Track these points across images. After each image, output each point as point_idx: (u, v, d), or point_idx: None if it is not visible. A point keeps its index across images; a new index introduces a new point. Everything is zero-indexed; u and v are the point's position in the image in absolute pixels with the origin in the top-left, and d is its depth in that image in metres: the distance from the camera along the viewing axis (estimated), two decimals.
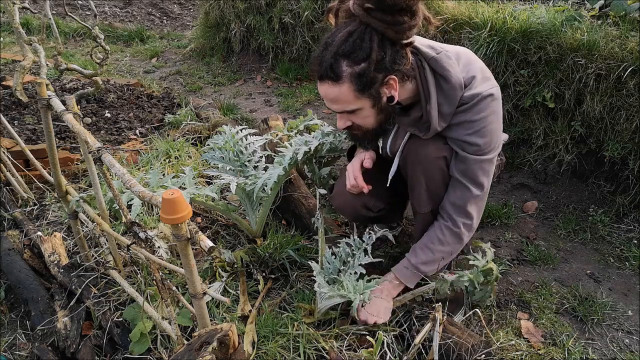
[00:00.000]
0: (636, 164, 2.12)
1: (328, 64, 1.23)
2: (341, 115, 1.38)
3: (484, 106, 1.34)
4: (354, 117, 1.37)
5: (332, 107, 1.35)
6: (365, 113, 1.34)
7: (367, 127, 1.40)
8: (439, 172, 1.44)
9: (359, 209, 1.65)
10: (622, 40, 2.09)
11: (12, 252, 1.78)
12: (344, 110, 1.34)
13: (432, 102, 1.35)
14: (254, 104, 3.72)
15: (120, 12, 6.33)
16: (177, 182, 1.61)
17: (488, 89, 1.35)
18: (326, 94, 1.31)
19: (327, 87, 1.28)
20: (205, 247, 0.89)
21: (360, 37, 1.21)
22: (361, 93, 1.27)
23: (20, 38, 2.11)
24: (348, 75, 1.24)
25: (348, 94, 1.27)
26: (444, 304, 1.57)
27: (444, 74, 1.32)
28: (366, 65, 1.22)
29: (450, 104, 1.35)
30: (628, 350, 1.60)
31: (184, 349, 1.03)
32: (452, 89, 1.33)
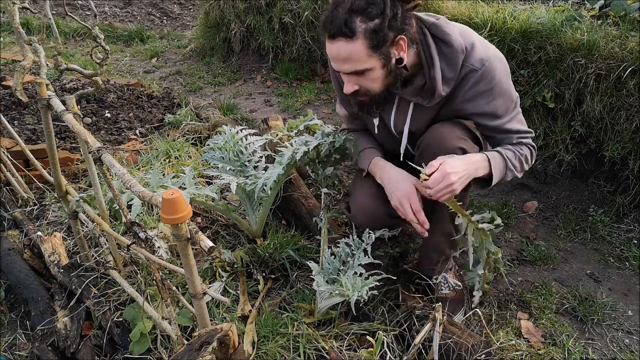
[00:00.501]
0: (636, 164, 2.12)
1: (342, 20, 1.22)
2: (350, 77, 1.35)
3: (494, 70, 1.36)
4: (363, 79, 1.35)
5: (342, 68, 1.33)
6: (375, 74, 1.32)
7: (374, 91, 1.38)
8: None
9: (383, 219, 1.62)
10: (622, 40, 2.09)
11: (12, 252, 1.78)
12: (354, 69, 1.31)
13: (435, 67, 1.36)
14: (254, 104, 3.72)
15: (120, 12, 6.33)
16: (177, 182, 1.61)
17: (492, 51, 1.38)
18: (338, 53, 1.28)
19: (340, 44, 1.26)
20: (205, 247, 0.89)
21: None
22: (374, 51, 1.26)
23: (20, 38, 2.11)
24: (362, 31, 1.23)
25: (361, 51, 1.26)
26: (444, 303, 1.58)
27: (445, 38, 1.34)
28: (380, 22, 1.23)
29: (453, 68, 1.36)
30: (628, 350, 1.60)
31: (184, 349, 1.03)
32: (453, 53, 1.34)
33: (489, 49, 1.39)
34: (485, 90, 1.38)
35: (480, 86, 1.37)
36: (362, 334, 1.52)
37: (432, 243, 1.66)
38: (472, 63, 1.35)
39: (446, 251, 1.67)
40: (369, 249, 1.54)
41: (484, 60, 1.35)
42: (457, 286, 1.72)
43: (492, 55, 1.37)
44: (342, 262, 1.59)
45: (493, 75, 1.36)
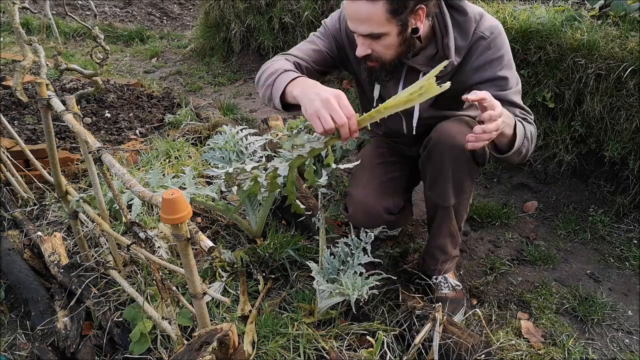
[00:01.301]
0: (636, 164, 2.12)
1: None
2: (364, 40, 1.33)
3: (503, 39, 1.38)
4: (377, 44, 1.33)
5: (358, 29, 1.31)
6: (390, 40, 1.32)
7: (386, 57, 1.37)
8: (467, 162, 1.44)
9: (382, 216, 1.63)
10: (622, 40, 2.09)
11: (12, 252, 1.78)
12: (371, 32, 1.29)
13: (449, 35, 1.36)
14: (254, 104, 3.72)
15: (120, 12, 6.33)
16: (177, 182, 1.61)
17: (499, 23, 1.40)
18: (358, 12, 1.27)
19: (361, 3, 1.24)
20: (205, 247, 0.89)
21: None
22: (393, 16, 1.26)
23: (20, 38, 2.11)
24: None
25: (381, 14, 1.25)
26: (444, 303, 1.58)
27: (459, 5, 1.36)
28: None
29: (465, 37, 1.37)
30: (628, 350, 1.60)
31: (184, 349, 1.03)
32: (467, 21, 1.36)
33: (495, 20, 1.41)
34: (494, 58, 1.38)
35: (489, 54, 1.38)
36: (362, 334, 1.52)
37: (437, 243, 1.66)
38: (482, 31, 1.37)
39: (450, 251, 1.67)
40: (369, 248, 1.54)
41: (493, 28, 1.37)
42: (457, 286, 1.72)
43: (499, 26, 1.39)
44: (341, 261, 1.59)
45: (502, 44, 1.38)
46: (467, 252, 2.06)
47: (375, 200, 1.61)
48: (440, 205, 1.54)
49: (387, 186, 1.65)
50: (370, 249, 1.54)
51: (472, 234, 2.17)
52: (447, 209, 1.54)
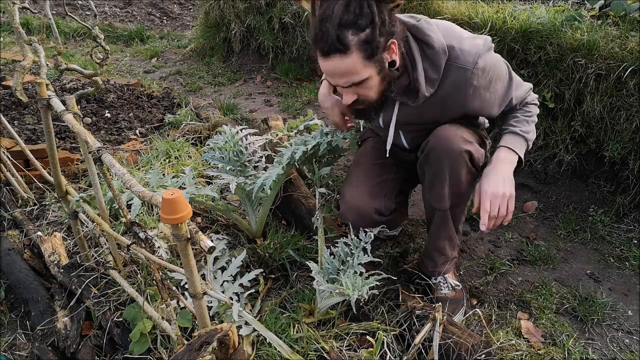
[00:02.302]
0: (636, 164, 2.12)
1: (333, 36, 1.21)
2: (347, 89, 1.35)
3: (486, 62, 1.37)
4: (361, 89, 1.34)
5: (339, 82, 1.33)
6: (372, 82, 1.32)
7: (372, 98, 1.37)
8: (465, 167, 1.44)
9: (372, 217, 1.63)
10: (622, 40, 2.09)
11: (12, 252, 1.78)
12: (352, 82, 1.31)
13: (418, 69, 1.36)
14: (254, 104, 3.72)
15: (120, 12, 6.33)
16: (177, 182, 1.61)
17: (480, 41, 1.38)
18: (335, 69, 1.28)
19: (335, 61, 1.25)
20: (205, 247, 0.89)
21: (359, 4, 1.21)
22: (369, 60, 1.26)
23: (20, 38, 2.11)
24: (355, 44, 1.22)
25: (357, 62, 1.25)
26: (444, 303, 1.58)
27: (426, 39, 1.34)
28: (370, 31, 1.22)
29: (436, 69, 1.36)
30: (628, 350, 1.60)
31: (184, 349, 1.03)
32: (436, 54, 1.35)
33: (476, 39, 1.39)
34: (483, 84, 1.39)
35: (478, 82, 1.38)
36: (362, 334, 1.52)
37: (435, 245, 1.66)
38: (463, 63, 1.35)
39: (448, 253, 1.67)
40: (369, 248, 1.54)
41: (475, 56, 1.35)
42: (457, 286, 1.72)
43: (480, 45, 1.37)
44: (341, 261, 1.59)
45: (487, 68, 1.37)
46: (467, 252, 2.06)
47: (366, 201, 1.62)
48: (438, 209, 1.54)
49: (380, 188, 1.65)
50: (370, 249, 1.54)
51: (472, 234, 2.17)
52: (445, 212, 1.54)
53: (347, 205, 1.65)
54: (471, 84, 1.37)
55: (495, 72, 1.40)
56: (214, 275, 1.64)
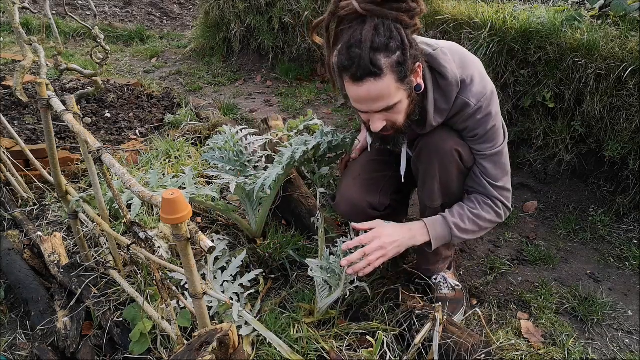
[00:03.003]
0: (636, 164, 2.12)
1: (367, 60, 1.19)
2: (379, 115, 1.32)
3: (489, 106, 1.37)
4: (391, 114, 1.32)
5: (373, 107, 1.29)
6: (402, 106, 1.31)
7: (399, 122, 1.35)
8: (454, 164, 1.44)
9: (366, 210, 1.63)
10: (622, 40, 2.09)
11: (12, 252, 1.78)
12: (386, 106, 1.28)
13: (429, 98, 1.36)
14: (254, 104, 3.72)
15: (120, 12, 6.33)
16: (177, 182, 1.61)
17: (490, 87, 1.37)
18: (369, 93, 1.25)
19: (369, 85, 1.23)
20: (205, 247, 0.89)
21: (388, 29, 1.20)
22: (401, 83, 1.25)
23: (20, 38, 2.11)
24: (389, 67, 1.21)
25: (391, 85, 1.24)
26: (444, 303, 1.58)
27: (441, 70, 1.34)
28: (401, 53, 1.22)
29: (447, 100, 1.36)
30: (628, 350, 1.60)
31: (184, 349, 1.03)
32: (449, 86, 1.34)
33: (487, 85, 1.38)
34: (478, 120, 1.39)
35: (475, 118, 1.38)
36: (362, 334, 1.52)
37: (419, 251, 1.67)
38: (469, 97, 1.35)
39: (442, 252, 1.67)
40: None
41: (480, 96, 1.35)
42: (457, 286, 1.72)
43: (489, 93, 1.37)
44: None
45: (489, 111, 1.37)
46: (467, 252, 2.06)
47: (361, 194, 1.62)
48: (429, 207, 1.55)
49: (376, 183, 1.65)
50: None
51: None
52: (436, 210, 1.54)
53: (341, 197, 1.66)
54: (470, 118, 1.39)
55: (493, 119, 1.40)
56: (214, 275, 1.64)
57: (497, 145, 1.43)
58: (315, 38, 1.34)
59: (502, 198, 1.48)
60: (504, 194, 1.49)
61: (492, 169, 1.45)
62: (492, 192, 1.46)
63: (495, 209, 1.48)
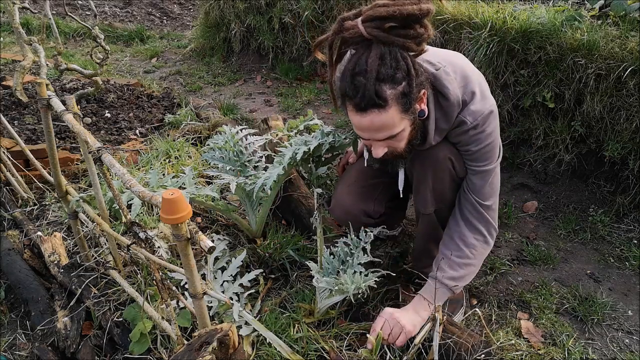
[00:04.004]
0: (636, 164, 2.11)
1: (372, 91, 1.17)
2: (381, 143, 1.31)
3: (486, 125, 1.36)
4: (394, 141, 1.31)
5: (375, 137, 1.28)
6: (405, 133, 1.30)
7: (400, 148, 1.34)
8: (447, 172, 1.44)
9: (360, 217, 1.63)
10: (622, 40, 2.09)
11: (12, 252, 1.78)
12: (389, 136, 1.27)
13: (430, 118, 1.35)
14: (254, 104, 3.72)
15: (120, 12, 6.33)
16: (177, 182, 1.61)
17: (488, 106, 1.36)
18: (372, 124, 1.23)
19: (373, 116, 1.21)
20: (205, 247, 0.89)
21: (394, 58, 1.17)
22: (405, 113, 1.23)
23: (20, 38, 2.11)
24: (393, 98, 1.19)
25: (395, 117, 1.22)
26: (444, 304, 1.58)
27: (443, 91, 1.32)
28: (406, 84, 1.19)
29: (447, 120, 1.36)
30: (628, 350, 1.60)
31: (184, 349, 1.03)
32: (450, 106, 1.33)
33: (486, 104, 1.37)
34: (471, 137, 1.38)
35: (468, 134, 1.38)
36: (362, 333, 1.52)
37: (422, 248, 1.67)
38: (466, 116, 1.34)
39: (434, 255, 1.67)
40: (369, 248, 1.54)
41: (478, 115, 1.34)
42: None
43: (487, 112, 1.35)
44: (341, 261, 1.59)
45: (483, 129, 1.36)
46: None
47: (355, 201, 1.62)
48: (422, 213, 1.55)
49: (372, 190, 1.65)
50: (370, 249, 1.54)
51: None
52: (429, 216, 1.54)
53: (336, 203, 1.67)
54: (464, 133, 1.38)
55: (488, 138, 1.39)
56: (214, 275, 1.64)
57: (489, 164, 1.42)
58: (318, 54, 1.32)
59: (489, 218, 1.47)
60: (491, 214, 1.48)
61: (481, 186, 1.44)
62: (479, 211, 1.46)
63: (482, 233, 1.48)
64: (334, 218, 1.80)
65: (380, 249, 1.94)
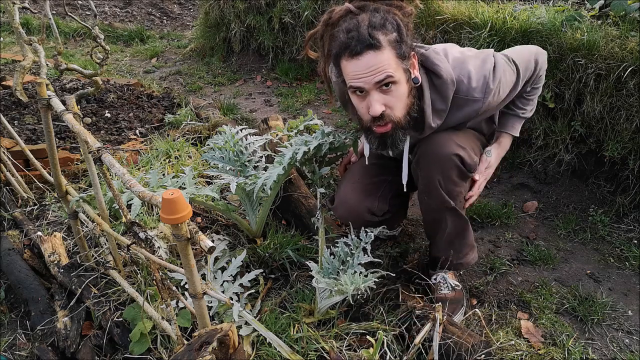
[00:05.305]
0: (636, 164, 2.11)
1: (365, 35, 1.22)
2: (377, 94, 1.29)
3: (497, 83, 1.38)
4: (390, 97, 1.29)
5: (374, 80, 1.26)
6: (401, 89, 1.30)
7: (398, 113, 1.32)
8: (456, 169, 1.44)
9: (364, 215, 1.63)
10: (622, 40, 2.09)
11: (12, 252, 1.78)
12: (386, 76, 1.25)
13: (425, 99, 1.36)
14: (254, 104, 3.72)
15: (120, 12, 6.33)
16: (177, 182, 1.61)
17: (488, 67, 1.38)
18: (368, 65, 1.24)
19: (369, 57, 1.23)
20: (205, 247, 0.89)
21: (384, 15, 1.25)
22: (401, 60, 1.27)
23: (20, 38, 2.11)
24: (387, 42, 1.24)
25: (391, 58, 1.25)
26: (444, 303, 1.58)
27: (435, 69, 1.34)
28: (397, 34, 1.25)
29: (444, 100, 1.36)
30: (628, 350, 1.60)
31: (184, 349, 1.03)
32: (444, 84, 1.34)
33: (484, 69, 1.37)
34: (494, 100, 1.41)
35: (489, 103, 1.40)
36: (362, 334, 1.52)
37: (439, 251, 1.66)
38: (473, 94, 1.36)
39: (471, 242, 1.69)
40: (369, 248, 1.54)
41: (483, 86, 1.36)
42: (457, 286, 1.72)
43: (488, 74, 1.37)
44: (341, 261, 1.59)
45: (496, 88, 1.38)
46: None
47: (359, 200, 1.62)
48: (445, 208, 1.54)
49: (376, 188, 1.65)
50: (370, 249, 1.54)
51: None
52: (452, 209, 1.53)
53: (340, 201, 1.66)
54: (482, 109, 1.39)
55: (502, 82, 1.41)
56: (214, 275, 1.64)
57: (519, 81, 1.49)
58: (310, 53, 1.37)
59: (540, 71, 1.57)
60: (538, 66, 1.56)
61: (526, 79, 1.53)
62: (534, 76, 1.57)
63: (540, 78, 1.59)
64: (337, 217, 1.79)
65: (380, 249, 1.94)
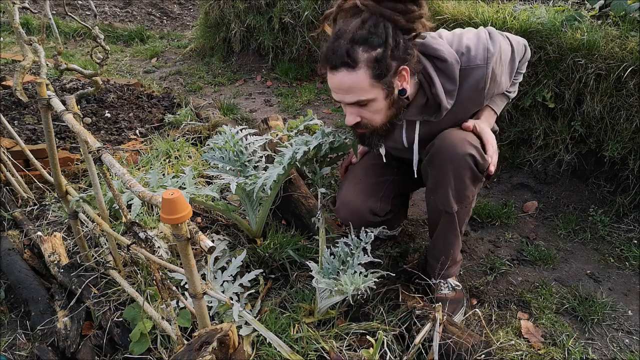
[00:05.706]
0: (636, 164, 2.11)
1: (343, 50, 1.21)
2: (352, 108, 1.33)
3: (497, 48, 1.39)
4: (366, 111, 1.33)
5: (344, 99, 1.31)
6: (378, 105, 1.31)
7: (376, 123, 1.36)
8: (469, 171, 1.43)
9: (366, 216, 1.63)
10: (622, 40, 2.09)
11: (12, 252, 1.78)
12: (357, 100, 1.29)
13: (436, 84, 1.36)
14: (254, 104, 3.72)
15: (120, 12, 6.33)
16: (177, 182, 1.61)
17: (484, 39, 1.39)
18: (341, 83, 1.26)
19: (342, 75, 1.25)
20: (205, 247, 0.89)
21: (374, 24, 1.21)
22: (377, 80, 1.25)
23: (20, 38, 2.11)
24: (365, 61, 1.22)
25: (364, 80, 1.24)
26: (444, 303, 1.58)
27: (437, 54, 1.34)
28: (382, 51, 1.22)
29: (452, 81, 1.36)
30: (628, 350, 1.60)
31: (184, 349, 1.03)
32: (449, 66, 1.35)
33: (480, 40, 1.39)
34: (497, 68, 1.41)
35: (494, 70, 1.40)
36: (362, 334, 1.52)
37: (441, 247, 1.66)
38: (475, 62, 1.36)
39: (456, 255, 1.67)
40: (369, 248, 1.54)
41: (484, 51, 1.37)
42: (457, 286, 1.72)
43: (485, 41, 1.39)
44: (341, 261, 1.59)
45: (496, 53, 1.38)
46: (467, 252, 2.06)
47: (362, 200, 1.62)
48: (444, 211, 1.54)
49: (378, 188, 1.65)
50: (370, 249, 1.54)
51: (472, 234, 2.17)
52: (451, 214, 1.53)
53: (342, 201, 1.65)
54: (488, 75, 1.39)
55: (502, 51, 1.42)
56: (214, 275, 1.64)
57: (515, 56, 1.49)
58: (326, 27, 1.36)
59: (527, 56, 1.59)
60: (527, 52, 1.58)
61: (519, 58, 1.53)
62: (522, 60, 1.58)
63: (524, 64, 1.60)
64: (338, 218, 1.79)
65: (380, 249, 1.94)
